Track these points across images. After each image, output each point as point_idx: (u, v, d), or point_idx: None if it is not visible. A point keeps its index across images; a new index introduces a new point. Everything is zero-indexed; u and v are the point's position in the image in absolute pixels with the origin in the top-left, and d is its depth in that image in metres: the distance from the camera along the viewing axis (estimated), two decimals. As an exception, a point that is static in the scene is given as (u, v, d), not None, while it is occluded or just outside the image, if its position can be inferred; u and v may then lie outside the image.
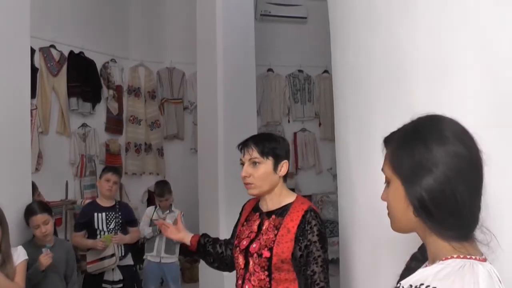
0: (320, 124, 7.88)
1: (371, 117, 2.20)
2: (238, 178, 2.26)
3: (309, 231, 1.97)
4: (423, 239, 1.14)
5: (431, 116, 1.11)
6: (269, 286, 1.99)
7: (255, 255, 2.01)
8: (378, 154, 1.28)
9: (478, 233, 1.05)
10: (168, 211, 4.84)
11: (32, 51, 5.23)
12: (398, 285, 1.03)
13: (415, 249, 1.31)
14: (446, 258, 1.02)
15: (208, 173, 5.62)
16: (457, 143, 1.03)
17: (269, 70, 7.61)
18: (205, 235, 2.41)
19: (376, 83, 2.18)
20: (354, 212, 2.41)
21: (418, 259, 1.22)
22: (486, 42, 1.67)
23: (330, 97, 2.75)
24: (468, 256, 1.01)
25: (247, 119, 5.38)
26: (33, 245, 3.20)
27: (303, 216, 1.99)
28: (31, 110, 5.02)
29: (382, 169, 1.17)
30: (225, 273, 2.46)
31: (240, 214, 2.32)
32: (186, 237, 2.39)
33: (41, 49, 5.79)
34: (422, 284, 0.98)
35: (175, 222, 4.64)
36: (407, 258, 1.32)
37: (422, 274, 1.02)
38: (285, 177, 2.14)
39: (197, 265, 5.88)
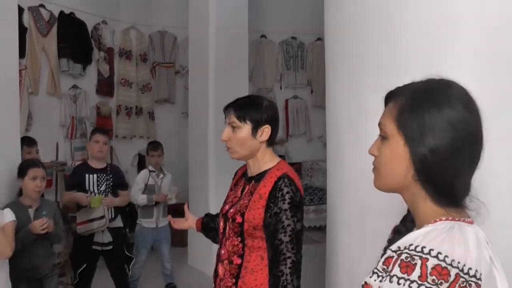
0: (312, 92, 7.86)
1: (362, 83, 2.20)
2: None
3: (280, 198, 1.86)
4: (411, 203, 1.11)
5: (442, 80, 1.09)
6: (242, 252, 1.94)
7: (230, 219, 1.98)
8: (367, 121, 1.28)
9: (467, 202, 1.06)
10: (162, 175, 4.85)
11: (21, 10, 5.14)
12: (386, 251, 1.03)
13: (402, 213, 1.28)
14: (435, 221, 1.03)
15: (199, 137, 5.64)
16: (466, 112, 1.03)
17: (262, 36, 7.54)
18: (207, 215, 2.43)
19: (368, 48, 2.17)
20: (342, 177, 2.44)
21: (401, 232, 1.18)
22: (478, 7, 1.69)
23: (323, 65, 2.74)
24: (457, 219, 1.03)
25: (239, 84, 5.36)
26: (17, 206, 3.18)
27: (276, 183, 1.89)
28: (21, 70, 4.97)
29: (380, 123, 1.12)
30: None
31: (233, 179, 2.31)
32: (194, 223, 2.43)
33: (30, 8, 5.67)
34: (411, 245, 0.97)
35: (166, 186, 4.71)
36: (393, 223, 1.29)
37: (410, 236, 1.01)
38: (271, 142, 2.03)
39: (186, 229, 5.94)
